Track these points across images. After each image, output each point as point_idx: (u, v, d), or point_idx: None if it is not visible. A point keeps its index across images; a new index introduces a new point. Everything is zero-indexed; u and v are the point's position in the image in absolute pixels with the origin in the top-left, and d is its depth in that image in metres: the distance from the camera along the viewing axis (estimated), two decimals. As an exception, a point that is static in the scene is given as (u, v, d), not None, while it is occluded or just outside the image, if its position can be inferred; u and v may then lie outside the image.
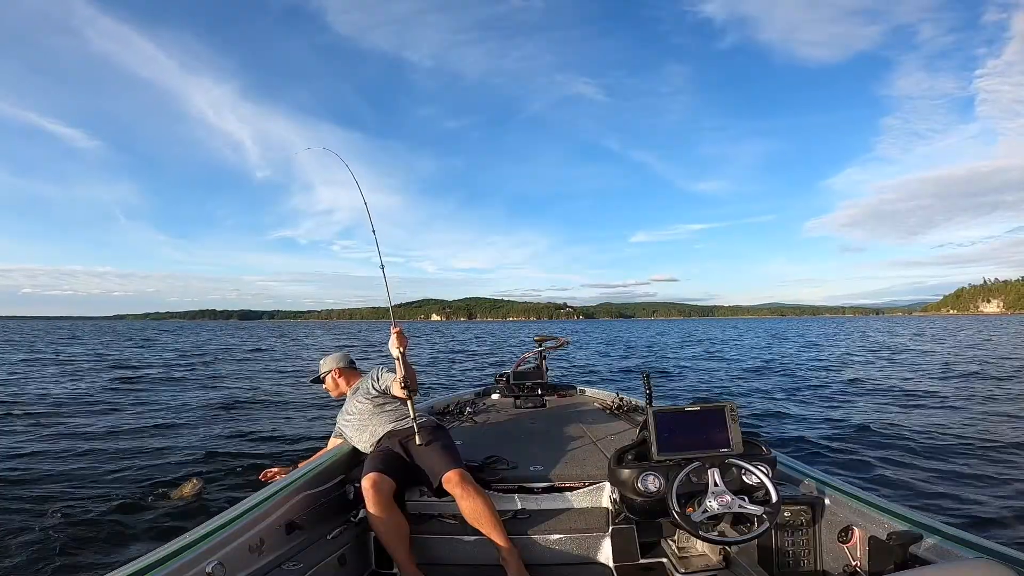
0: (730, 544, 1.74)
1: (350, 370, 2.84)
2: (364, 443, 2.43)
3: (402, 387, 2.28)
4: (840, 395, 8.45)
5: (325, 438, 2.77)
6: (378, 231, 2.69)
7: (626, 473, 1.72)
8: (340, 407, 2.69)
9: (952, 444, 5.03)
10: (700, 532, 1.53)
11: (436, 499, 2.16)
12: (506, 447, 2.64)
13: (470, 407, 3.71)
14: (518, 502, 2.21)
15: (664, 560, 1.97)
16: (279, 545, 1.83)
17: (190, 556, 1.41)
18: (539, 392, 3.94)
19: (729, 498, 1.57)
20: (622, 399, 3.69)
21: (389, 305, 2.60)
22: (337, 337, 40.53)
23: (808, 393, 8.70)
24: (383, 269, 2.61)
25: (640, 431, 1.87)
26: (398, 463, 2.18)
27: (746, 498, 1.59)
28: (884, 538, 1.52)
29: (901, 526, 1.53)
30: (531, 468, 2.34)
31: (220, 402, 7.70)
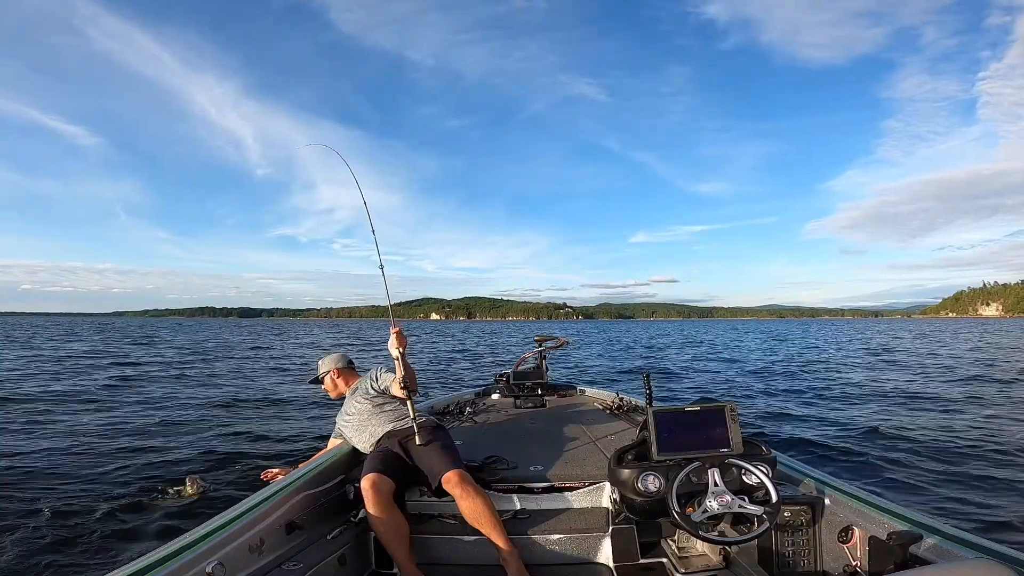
0: (730, 544, 1.74)
1: (349, 370, 2.84)
2: (364, 443, 2.43)
3: (401, 387, 2.28)
4: (840, 397, 8.44)
5: (325, 438, 2.77)
6: (378, 230, 2.68)
7: (626, 473, 1.72)
8: (340, 407, 2.69)
9: (959, 447, 5.00)
10: (700, 532, 1.53)
11: (436, 499, 2.15)
12: (506, 447, 2.64)
13: (470, 407, 3.70)
14: (518, 502, 2.20)
15: (664, 560, 1.97)
16: (279, 545, 1.83)
17: (190, 556, 1.41)
18: (539, 392, 3.94)
19: (729, 498, 1.57)
20: (622, 399, 3.69)
21: (388, 305, 2.60)
22: (337, 335, 40.51)
23: (809, 395, 8.69)
24: (382, 269, 2.61)
25: (640, 431, 1.87)
26: (397, 463, 2.18)
27: (746, 498, 1.60)
28: (884, 538, 1.52)
29: (901, 526, 1.53)
30: (531, 468, 2.33)
31: (220, 401, 7.69)
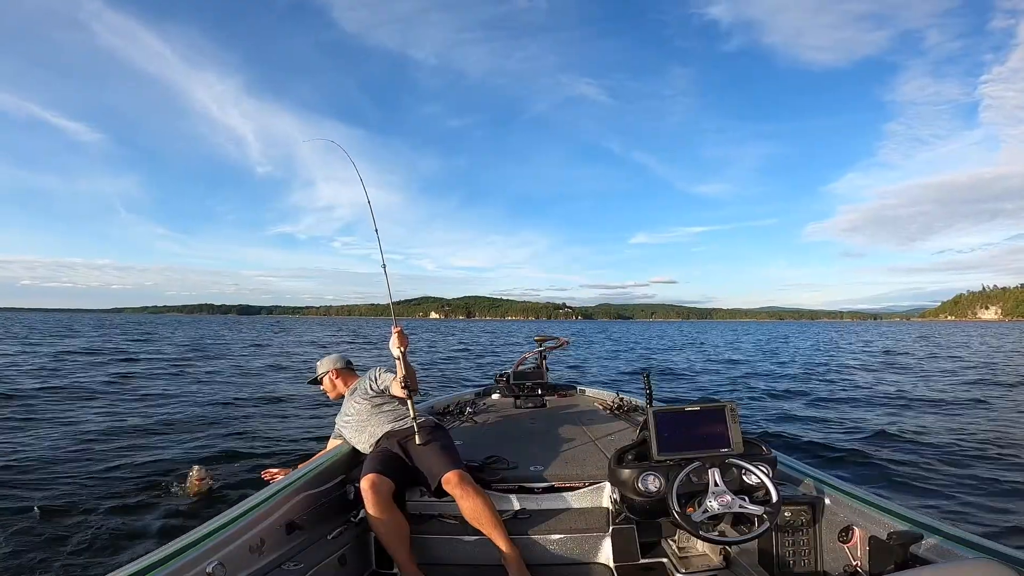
0: (730, 544, 1.74)
1: (347, 371, 2.84)
2: (363, 444, 2.43)
3: (402, 387, 2.27)
4: (843, 399, 8.43)
5: (325, 438, 2.76)
6: (379, 228, 2.67)
7: (626, 473, 1.72)
8: (340, 407, 2.69)
9: (965, 449, 4.98)
10: (700, 532, 1.53)
11: (436, 499, 2.15)
12: (506, 447, 2.64)
13: (470, 407, 3.70)
14: (518, 502, 2.20)
15: (664, 560, 1.97)
16: (279, 545, 1.83)
17: (191, 556, 1.41)
18: (539, 392, 3.93)
19: (729, 498, 1.57)
20: (622, 399, 3.69)
21: (391, 304, 2.59)
22: (336, 333, 40.48)
23: (811, 396, 8.69)
24: (384, 268, 2.60)
25: (640, 431, 1.87)
26: (397, 464, 2.18)
27: (746, 498, 1.60)
28: (884, 538, 1.52)
29: (901, 526, 1.53)
30: (531, 468, 2.33)
31: (219, 400, 7.68)
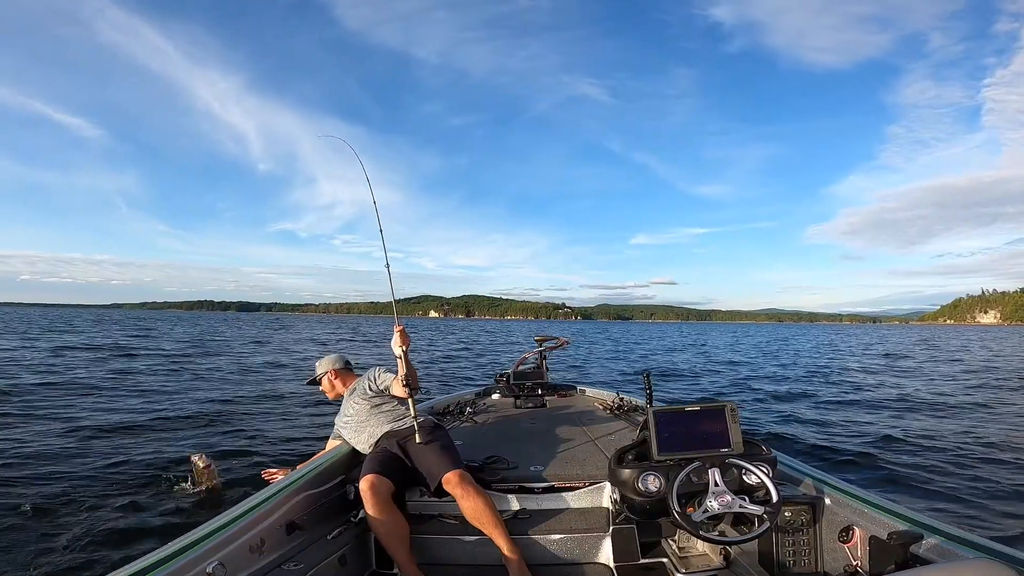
0: (731, 544, 1.74)
1: (346, 371, 2.83)
2: (362, 444, 2.42)
3: (404, 385, 2.27)
4: (845, 401, 8.44)
5: (325, 438, 2.76)
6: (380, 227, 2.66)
7: (626, 473, 1.72)
8: (339, 407, 2.68)
9: (969, 452, 4.98)
10: (701, 532, 1.53)
11: (436, 499, 2.15)
12: (506, 447, 2.64)
13: (470, 407, 3.70)
14: (518, 502, 2.20)
15: (664, 560, 1.97)
16: (279, 545, 1.82)
17: (191, 556, 1.41)
18: (539, 392, 3.93)
19: (729, 498, 1.57)
20: (622, 399, 3.69)
21: (393, 303, 2.58)
22: (336, 331, 40.45)
23: (813, 398, 8.70)
24: (388, 267, 2.59)
25: (640, 431, 1.87)
26: (396, 464, 2.18)
27: (746, 498, 1.60)
28: (885, 538, 1.52)
29: (902, 526, 1.53)
30: (531, 468, 2.33)
31: (219, 397, 7.68)
